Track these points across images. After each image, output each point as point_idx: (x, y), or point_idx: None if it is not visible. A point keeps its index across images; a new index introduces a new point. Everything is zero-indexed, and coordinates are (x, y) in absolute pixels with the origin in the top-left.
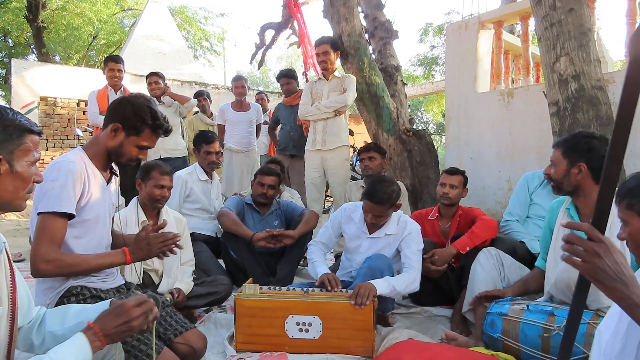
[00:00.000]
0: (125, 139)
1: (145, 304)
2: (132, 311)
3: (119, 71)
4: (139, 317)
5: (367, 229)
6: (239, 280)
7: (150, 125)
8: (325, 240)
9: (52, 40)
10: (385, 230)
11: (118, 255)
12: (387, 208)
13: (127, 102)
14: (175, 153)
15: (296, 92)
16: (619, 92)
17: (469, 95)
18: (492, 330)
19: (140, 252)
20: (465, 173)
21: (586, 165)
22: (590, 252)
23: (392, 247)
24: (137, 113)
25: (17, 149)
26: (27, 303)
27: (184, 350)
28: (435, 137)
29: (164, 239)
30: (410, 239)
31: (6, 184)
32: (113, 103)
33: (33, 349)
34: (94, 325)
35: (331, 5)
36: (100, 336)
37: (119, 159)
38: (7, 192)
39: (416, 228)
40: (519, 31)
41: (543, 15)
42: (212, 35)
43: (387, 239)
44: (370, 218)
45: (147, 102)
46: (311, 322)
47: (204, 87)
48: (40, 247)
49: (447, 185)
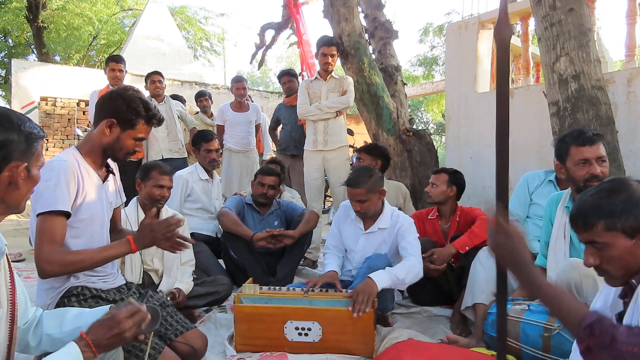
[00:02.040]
0: (122, 134)
1: (137, 315)
2: (123, 323)
3: (120, 71)
4: (131, 329)
5: (362, 225)
6: (239, 280)
7: (144, 116)
8: (336, 244)
9: (52, 40)
10: (379, 224)
11: (123, 245)
12: (367, 191)
13: (117, 96)
14: (176, 154)
15: (297, 91)
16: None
17: (469, 95)
18: (493, 330)
19: (145, 239)
20: (455, 172)
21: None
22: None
23: (387, 243)
24: (130, 106)
25: (33, 156)
26: (24, 304)
27: (184, 350)
28: (435, 137)
29: (168, 224)
30: (404, 230)
31: (22, 189)
32: (102, 98)
33: (28, 350)
34: (86, 337)
35: (331, 5)
36: (92, 347)
37: (116, 154)
38: (22, 195)
39: (409, 220)
40: (519, 31)
41: (543, 15)
42: (212, 35)
43: (382, 234)
44: (354, 205)
45: (137, 92)
46: (310, 327)
47: (204, 87)
48: (43, 249)
49: (429, 184)
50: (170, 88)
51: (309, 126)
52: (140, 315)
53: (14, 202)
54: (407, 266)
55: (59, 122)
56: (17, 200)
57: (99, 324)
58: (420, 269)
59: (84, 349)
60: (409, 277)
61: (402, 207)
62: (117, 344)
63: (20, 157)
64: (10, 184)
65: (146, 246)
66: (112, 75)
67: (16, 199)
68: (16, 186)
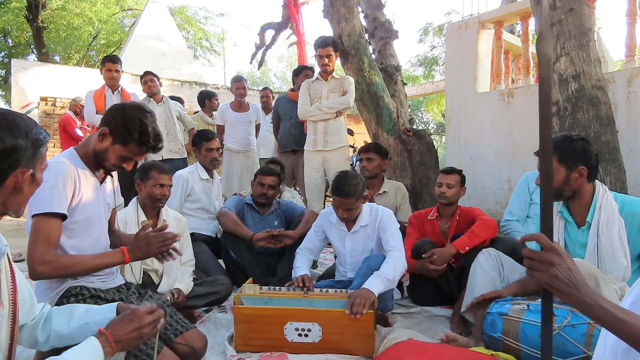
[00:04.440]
0: (111, 146)
1: (155, 313)
2: (144, 318)
3: (116, 71)
4: (150, 325)
5: (345, 227)
6: (239, 280)
7: (136, 139)
8: (310, 247)
9: (52, 40)
10: (360, 222)
11: (116, 255)
12: (355, 200)
13: (120, 110)
14: (176, 154)
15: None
16: (619, 92)
17: (469, 95)
18: (493, 330)
19: (139, 251)
20: (462, 172)
21: (585, 167)
22: (543, 261)
23: (371, 239)
24: (125, 124)
25: (38, 160)
26: (30, 301)
27: (184, 350)
28: (435, 137)
29: (164, 238)
30: (385, 223)
31: (25, 193)
32: (111, 107)
33: (37, 345)
34: (106, 331)
35: (331, 5)
36: (112, 342)
37: (102, 163)
38: (24, 199)
39: (387, 212)
40: (519, 31)
41: None
42: (212, 35)
43: (365, 231)
44: (342, 213)
45: (141, 114)
46: (310, 328)
47: (203, 87)
48: (36, 249)
49: (444, 185)
50: (170, 88)
51: (309, 126)
52: (159, 314)
53: (15, 207)
54: (393, 263)
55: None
56: (19, 204)
57: (119, 319)
58: (404, 261)
59: (103, 343)
60: (397, 273)
61: (400, 206)
62: (136, 340)
63: (27, 164)
64: (15, 189)
65: (139, 258)
66: (108, 76)
67: (18, 203)
68: (20, 191)
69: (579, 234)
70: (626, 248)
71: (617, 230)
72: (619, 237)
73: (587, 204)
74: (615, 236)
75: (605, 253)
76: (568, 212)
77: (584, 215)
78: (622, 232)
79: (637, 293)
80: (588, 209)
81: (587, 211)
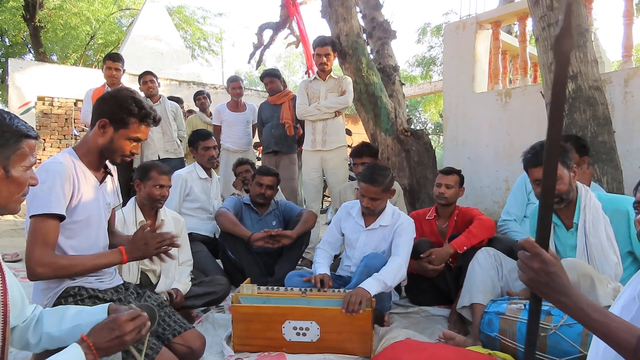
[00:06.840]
0: (115, 134)
1: (138, 319)
2: (124, 326)
3: (116, 70)
4: (132, 332)
5: (363, 222)
6: (236, 281)
7: (136, 115)
8: (330, 240)
9: (50, 39)
10: (380, 221)
11: (114, 255)
12: (382, 190)
13: (110, 97)
14: (172, 154)
15: (280, 91)
16: (616, 93)
17: (466, 95)
18: (490, 329)
19: (137, 252)
20: (461, 172)
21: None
22: (529, 267)
23: (387, 240)
24: (121, 105)
25: (13, 155)
26: (21, 302)
27: (182, 350)
28: (433, 137)
29: (162, 238)
30: (402, 229)
31: (1, 189)
32: (97, 100)
33: (29, 348)
34: (87, 339)
35: (329, 5)
36: (93, 350)
37: (112, 157)
38: (2, 197)
39: (408, 220)
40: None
41: (540, 16)
42: (210, 35)
43: (382, 231)
44: (366, 202)
45: (131, 93)
46: (308, 327)
47: (202, 87)
48: (34, 251)
49: (442, 185)
50: (168, 88)
51: (307, 126)
52: (141, 320)
53: None
54: (395, 270)
55: (56, 122)
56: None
57: (100, 326)
58: (405, 271)
59: (85, 350)
60: (395, 281)
61: (394, 204)
62: (117, 347)
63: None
64: None
65: (137, 258)
66: (108, 74)
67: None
68: None
69: (568, 237)
70: (614, 245)
71: (604, 228)
72: (606, 234)
73: (572, 205)
74: (602, 234)
75: (595, 252)
76: (556, 216)
77: (571, 217)
78: (608, 229)
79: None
80: (574, 210)
81: (574, 213)
